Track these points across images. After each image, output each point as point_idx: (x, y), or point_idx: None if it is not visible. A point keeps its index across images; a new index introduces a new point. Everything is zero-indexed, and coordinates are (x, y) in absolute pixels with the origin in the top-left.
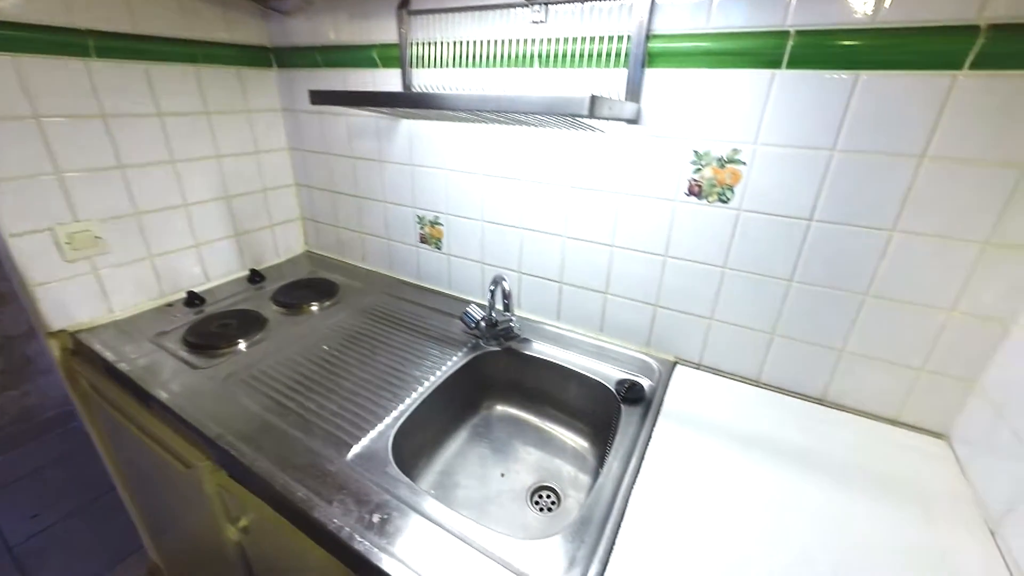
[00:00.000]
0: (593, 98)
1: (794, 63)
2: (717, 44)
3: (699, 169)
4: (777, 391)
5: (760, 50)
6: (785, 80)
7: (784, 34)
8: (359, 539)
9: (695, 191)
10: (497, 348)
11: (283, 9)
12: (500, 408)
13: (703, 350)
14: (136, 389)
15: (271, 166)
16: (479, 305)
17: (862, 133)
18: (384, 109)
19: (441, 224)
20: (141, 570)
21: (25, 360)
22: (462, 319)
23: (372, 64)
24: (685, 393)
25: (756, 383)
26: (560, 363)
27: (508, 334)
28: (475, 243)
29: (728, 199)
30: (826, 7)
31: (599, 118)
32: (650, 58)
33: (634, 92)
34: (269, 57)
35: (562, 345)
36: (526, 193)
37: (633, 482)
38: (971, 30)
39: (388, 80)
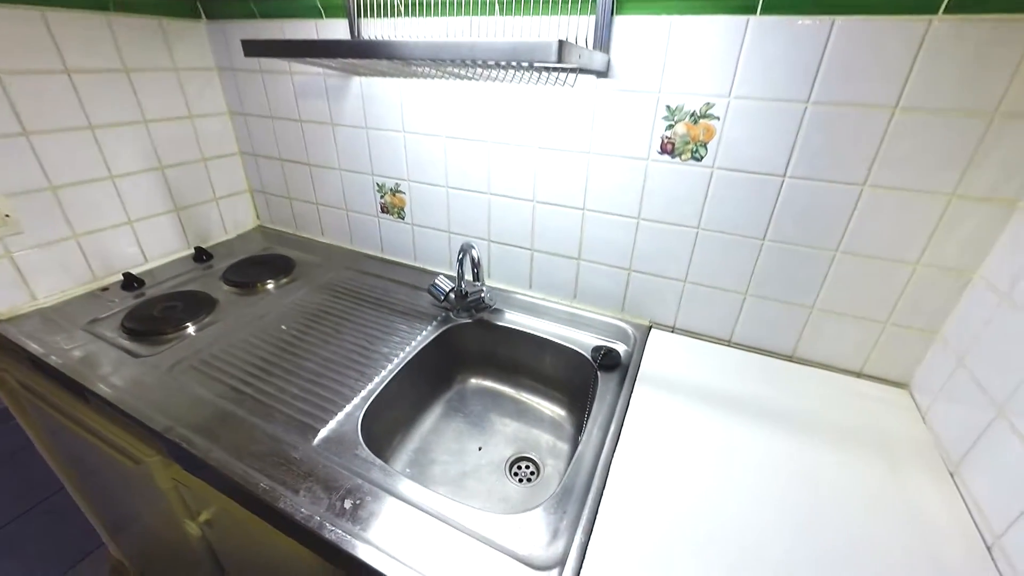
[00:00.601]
0: (561, 43)
1: (769, 8)
2: None
3: (672, 125)
4: (749, 350)
5: None
6: (760, 27)
7: None
8: (330, 527)
9: (668, 149)
10: (468, 320)
11: None
12: (474, 381)
13: (677, 313)
14: (71, 384)
15: (209, 132)
16: (448, 276)
17: (836, 83)
18: (330, 62)
19: (403, 192)
20: (103, 567)
21: None
22: (430, 291)
23: (315, 14)
24: (661, 357)
25: (728, 343)
26: (534, 332)
27: (479, 305)
28: (440, 211)
29: (701, 156)
30: None
31: (568, 67)
32: (618, 3)
33: (603, 41)
34: (196, 6)
35: (535, 314)
36: (492, 156)
37: (614, 449)
38: None
39: (334, 31)
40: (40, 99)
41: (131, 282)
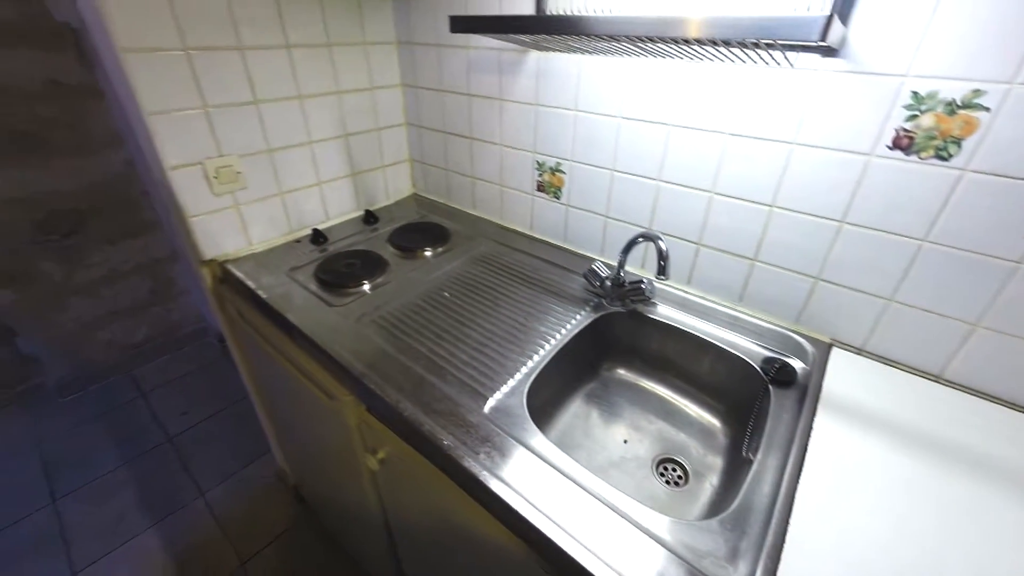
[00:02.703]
0: (830, 18)
1: None
2: None
3: (914, 116)
4: (967, 392)
5: None
6: None
7: None
8: (517, 495)
9: (903, 144)
10: (621, 309)
11: None
12: (621, 372)
13: (871, 334)
14: (280, 320)
15: (385, 104)
16: (604, 263)
17: None
18: (524, 37)
19: (563, 171)
20: (270, 471)
21: (169, 281)
22: (586, 276)
23: None
24: (847, 381)
25: (938, 379)
26: (694, 332)
27: (636, 295)
28: (600, 195)
29: (950, 156)
30: None
31: (819, 47)
32: None
33: (843, 10)
34: None
35: (692, 312)
36: (671, 140)
37: (797, 477)
38: None
39: (518, 3)
40: (267, 72)
41: (318, 237)
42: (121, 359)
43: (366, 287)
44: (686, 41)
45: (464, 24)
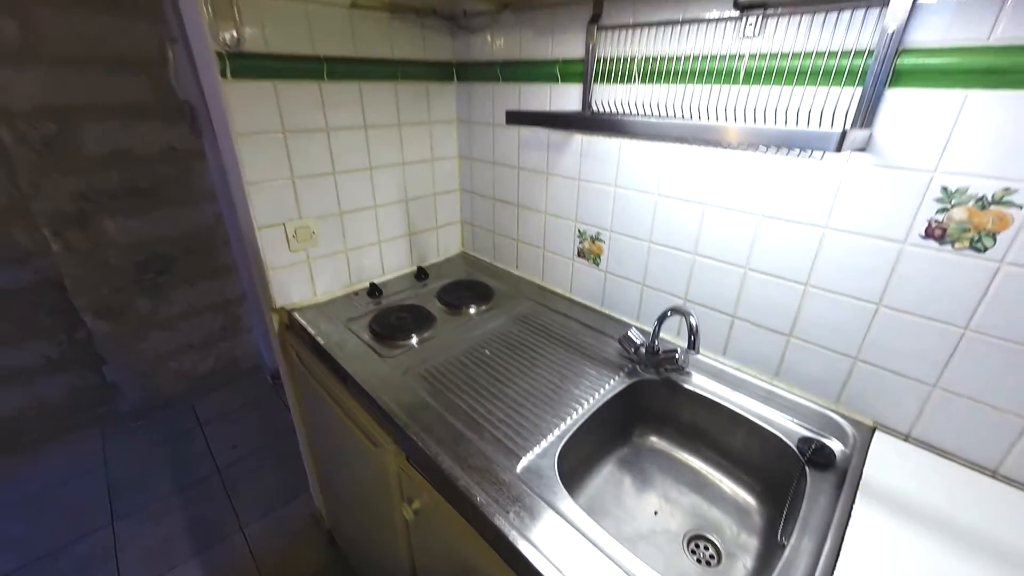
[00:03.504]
0: (844, 134)
1: None
2: (1002, 60)
3: (945, 209)
4: None
5: None
6: None
7: None
8: (544, 556)
9: (935, 234)
10: (655, 377)
11: (471, 27)
12: (653, 440)
13: (916, 420)
14: (335, 366)
15: (442, 172)
16: (640, 329)
17: None
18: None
19: (603, 241)
20: (306, 512)
21: (236, 319)
22: (620, 342)
23: (552, 79)
24: (890, 468)
25: (993, 475)
26: (730, 406)
27: (669, 364)
28: (638, 264)
29: (986, 248)
30: None
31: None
32: (896, 76)
33: (867, 116)
34: (452, 71)
35: (727, 383)
36: (706, 218)
37: (833, 566)
38: None
39: (566, 95)
40: (345, 147)
41: (374, 291)
42: (186, 389)
43: (414, 341)
44: (738, 143)
45: (518, 119)
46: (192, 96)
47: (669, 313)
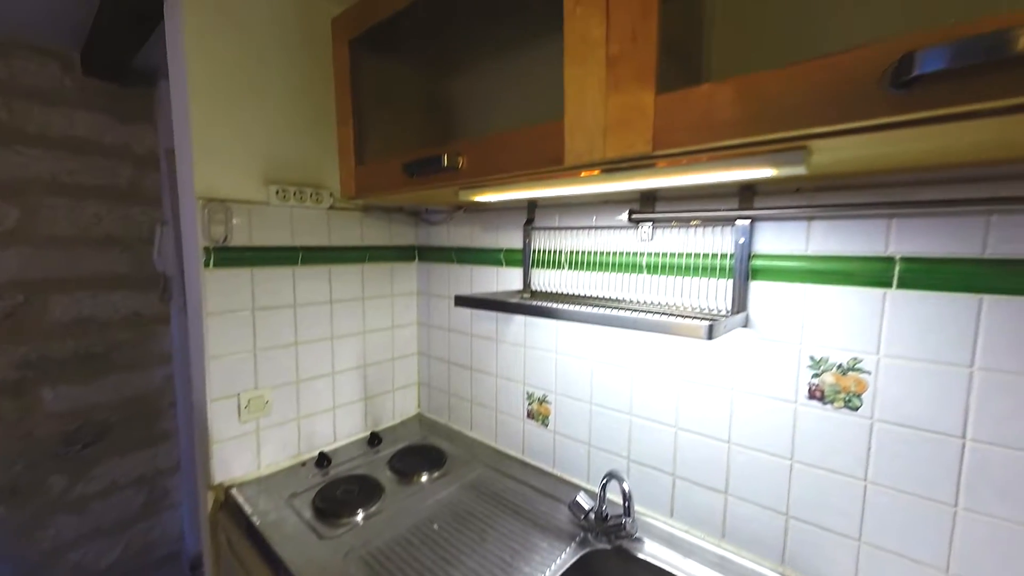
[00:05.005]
0: (711, 327)
1: (905, 285)
2: (819, 265)
3: (818, 375)
4: None
5: (865, 272)
6: (901, 298)
7: (889, 260)
8: None
9: (817, 395)
10: (607, 546)
11: (432, 220)
12: None
13: None
14: (268, 553)
15: (402, 338)
16: (587, 492)
17: (1003, 353)
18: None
19: (549, 402)
20: None
21: (164, 493)
22: (570, 508)
23: (498, 263)
24: None
25: None
26: None
27: (619, 532)
28: (582, 424)
29: (857, 407)
30: (929, 238)
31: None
32: (753, 272)
33: (740, 302)
34: (414, 253)
35: (680, 550)
36: (636, 381)
37: None
38: None
39: (510, 276)
40: (310, 320)
41: (323, 460)
42: None
43: (359, 517)
44: (625, 327)
45: (465, 302)
46: (169, 267)
47: (605, 479)
